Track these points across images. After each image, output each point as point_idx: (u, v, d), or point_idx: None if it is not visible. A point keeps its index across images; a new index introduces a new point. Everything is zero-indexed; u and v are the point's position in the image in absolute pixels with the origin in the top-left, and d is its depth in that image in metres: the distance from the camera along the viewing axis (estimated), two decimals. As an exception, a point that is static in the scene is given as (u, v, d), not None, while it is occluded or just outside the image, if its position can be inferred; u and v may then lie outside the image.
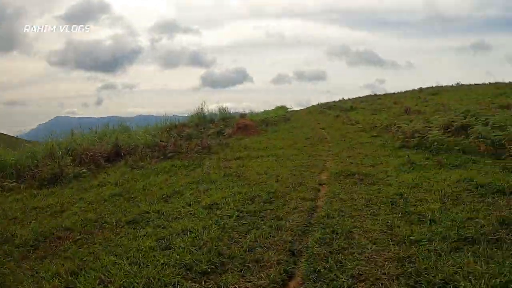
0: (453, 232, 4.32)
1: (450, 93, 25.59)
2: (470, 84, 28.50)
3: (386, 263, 3.81)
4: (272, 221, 4.92)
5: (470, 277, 3.31)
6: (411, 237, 4.29)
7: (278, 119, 22.84)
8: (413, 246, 4.10)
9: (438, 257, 3.78)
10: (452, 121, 10.71)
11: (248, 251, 4.21)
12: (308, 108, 36.00)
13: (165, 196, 6.56)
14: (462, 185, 6.08)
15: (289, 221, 4.87)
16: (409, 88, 32.74)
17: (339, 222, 4.88)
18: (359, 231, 4.61)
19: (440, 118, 11.64)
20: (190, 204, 5.87)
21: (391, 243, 4.24)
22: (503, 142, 8.17)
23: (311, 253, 4.08)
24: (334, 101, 34.54)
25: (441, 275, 3.42)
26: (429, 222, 4.68)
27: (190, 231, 4.69)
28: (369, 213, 5.22)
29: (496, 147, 8.16)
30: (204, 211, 5.44)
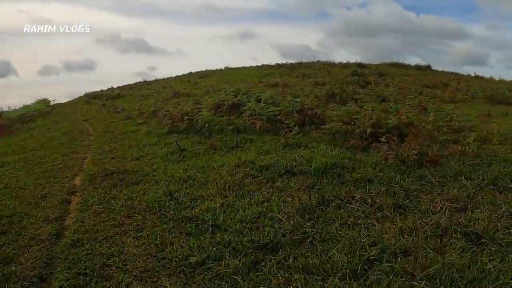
0: (245, 238, 3.25)
1: (219, 75, 26.61)
2: (238, 67, 30.27)
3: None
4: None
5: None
6: (190, 260, 3.11)
7: (38, 115, 21.06)
8: (196, 275, 2.92)
9: (236, 286, 2.69)
10: (223, 101, 10.26)
11: None
12: (74, 99, 32.57)
13: None
14: (243, 170, 5.26)
15: (21, 264, 3.49)
16: (180, 73, 32.84)
17: (91, 251, 3.51)
18: (118, 263, 3.27)
19: (210, 99, 11.16)
20: None
21: (163, 275, 3.00)
22: (279, 117, 7.93)
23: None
24: (102, 90, 31.98)
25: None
26: (211, 229, 3.55)
27: None
28: (131, 227, 3.95)
29: (273, 123, 7.86)
30: None
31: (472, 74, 21.47)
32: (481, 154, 5.42)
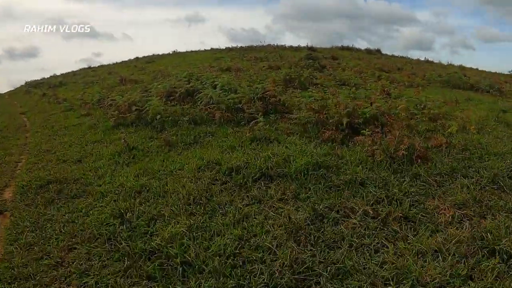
0: (230, 283, 2.42)
1: (167, 60, 24.92)
2: (187, 51, 28.78)
3: None
4: None
5: None
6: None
7: (-28, 108, 18.74)
8: None
9: None
10: (175, 87, 9.12)
11: None
12: (16, 89, 29.77)
13: None
14: (208, 174, 4.31)
15: None
16: (126, 59, 30.73)
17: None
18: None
19: (160, 85, 9.91)
20: None
21: None
22: (240, 105, 6.98)
23: None
24: (43, 78, 29.34)
25: None
26: (181, 269, 2.60)
27: None
28: (73, 269, 2.85)
29: (234, 112, 6.90)
30: None
31: (421, 59, 21.58)
32: (468, 146, 4.86)
